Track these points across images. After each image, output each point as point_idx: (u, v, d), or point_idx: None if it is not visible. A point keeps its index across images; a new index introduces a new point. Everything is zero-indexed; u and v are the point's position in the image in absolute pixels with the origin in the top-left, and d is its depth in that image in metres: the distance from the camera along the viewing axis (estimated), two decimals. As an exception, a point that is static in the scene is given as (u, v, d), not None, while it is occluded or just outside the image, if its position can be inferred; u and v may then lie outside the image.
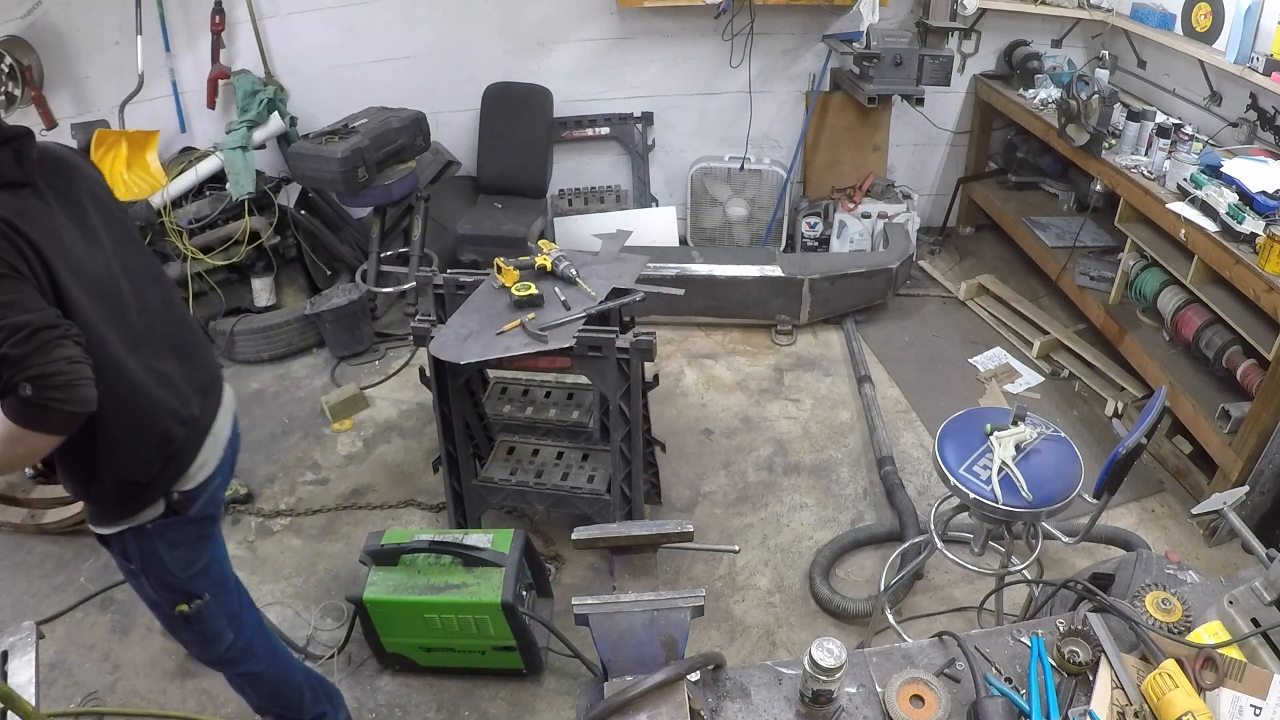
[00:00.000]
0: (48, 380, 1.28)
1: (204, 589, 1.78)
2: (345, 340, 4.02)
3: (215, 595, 1.81)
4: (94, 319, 1.43)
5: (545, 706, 2.49)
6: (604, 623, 1.30)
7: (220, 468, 1.75)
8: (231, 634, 1.90)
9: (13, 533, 3.06)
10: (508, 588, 2.31)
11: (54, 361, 1.29)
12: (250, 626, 1.97)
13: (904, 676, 1.32)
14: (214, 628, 1.85)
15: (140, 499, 1.59)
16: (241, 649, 1.93)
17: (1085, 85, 3.51)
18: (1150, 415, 1.96)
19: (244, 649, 1.94)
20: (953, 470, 2.07)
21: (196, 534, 1.73)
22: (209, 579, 1.79)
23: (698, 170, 4.65)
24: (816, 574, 2.82)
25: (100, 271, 1.49)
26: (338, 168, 3.52)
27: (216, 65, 4.06)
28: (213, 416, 1.73)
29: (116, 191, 3.68)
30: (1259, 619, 1.33)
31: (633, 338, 2.44)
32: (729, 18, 4.23)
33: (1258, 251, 2.69)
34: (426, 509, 3.18)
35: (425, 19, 4.26)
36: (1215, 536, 2.96)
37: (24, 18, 3.77)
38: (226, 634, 1.89)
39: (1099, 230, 4.04)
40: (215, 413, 1.75)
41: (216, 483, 1.74)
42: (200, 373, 1.72)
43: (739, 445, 3.49)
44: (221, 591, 1.85)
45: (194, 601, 1.76)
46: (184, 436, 1.63)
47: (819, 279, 4.07)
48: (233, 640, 1.90)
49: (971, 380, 3.86)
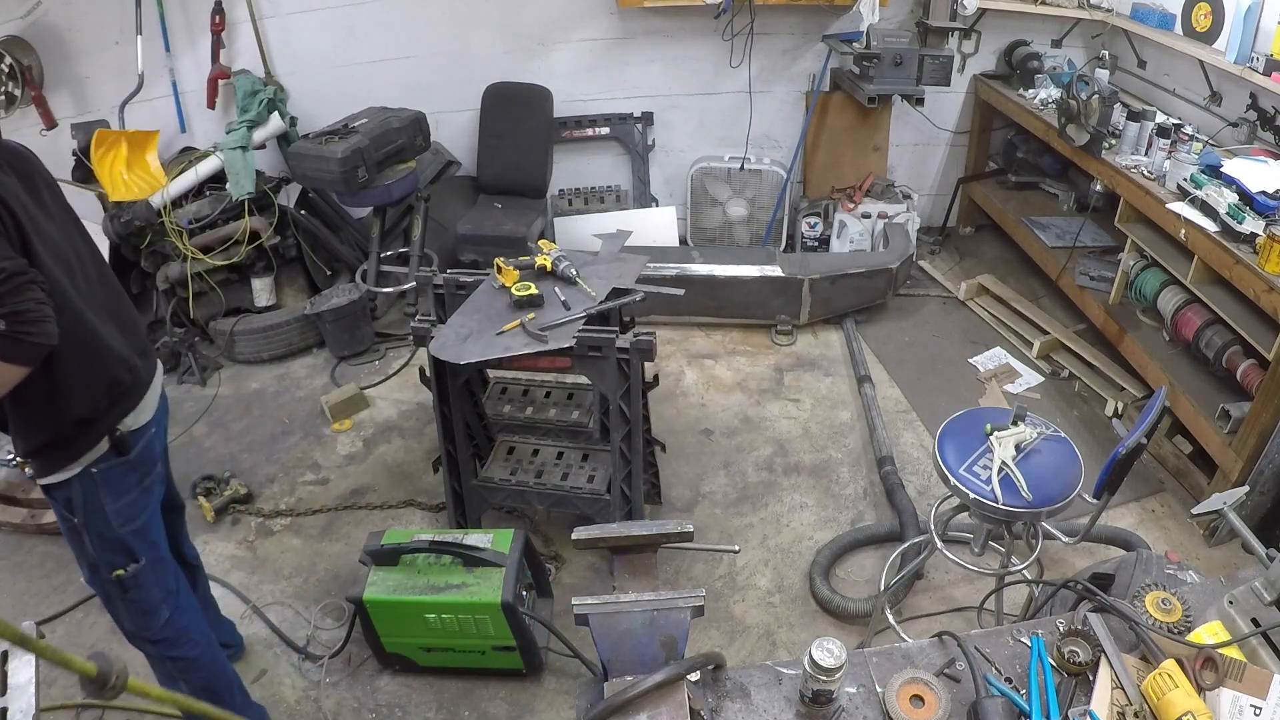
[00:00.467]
0: (20, 317, 1.46)
1: (141, 551, 1.88)
2: (345, 340, 4.02)
3: (151, 563, 1.92)
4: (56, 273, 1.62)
5: (545, 706, 2.49)
6: (604, 623, 1.30)
7: (156, 417, 1.91)
8: (167, 611, 1.99)
9: (13, 533, 3.06)
10: (508, 588, 2.31)
11: (25, 301, 1.47)
12: (187, 611, 2.06)
13: (904, 676, 1.32)
14: (150, 599, 1.94)
15: (88, 435, 1.73)
16: (178, 630, 2.02)
17: (1085, 85, 3.51)
18: (1150, 415, 1.96)
19: (180, 630, 2.02)
20: (953, 470, 2.08)
21: (136, 482, 1.85)
22: (145, 541, 1.90)
23: (698, 170, 4.66)
24: (816, 574, 2.82)
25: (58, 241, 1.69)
26: (338, 168, 3.52)
27: (216, 65, 4.06)
28: (151, 373, 1.92)
29: (117, 191, 3.73)
30: (1259, 619, 1.33)
31: (633, 338, 2.44)
32: (729, 18, 4.23)
33: (1258, 251, 2.69)
34: (426, 509, 3.18)
35: (425, 19, 4.26)
36: (1215, 536, 2.96)
37: (24, 18, 3.77)
38: (162, 610, 1.97)
39: (1099, 230, 4.04)
40: (153, 371, 1.93)
41: (153, 431, 1.89)
42: (137, 340, 1.89)
43: (739, 445, 3.49)
44: (158, 563, 1.95)
45: (130, 565, 1.87)
46: (129, 382, 1.81)
47: (819, 279, 4.07)
48: (168, 618, 1.99)
49: (971, 380, 3.86)
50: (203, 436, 3.59)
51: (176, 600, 2.01)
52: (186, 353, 3.93)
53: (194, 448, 3.52)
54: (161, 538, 1.99)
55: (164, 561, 1.98)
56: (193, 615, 2.08)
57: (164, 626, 1.98)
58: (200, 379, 3.90)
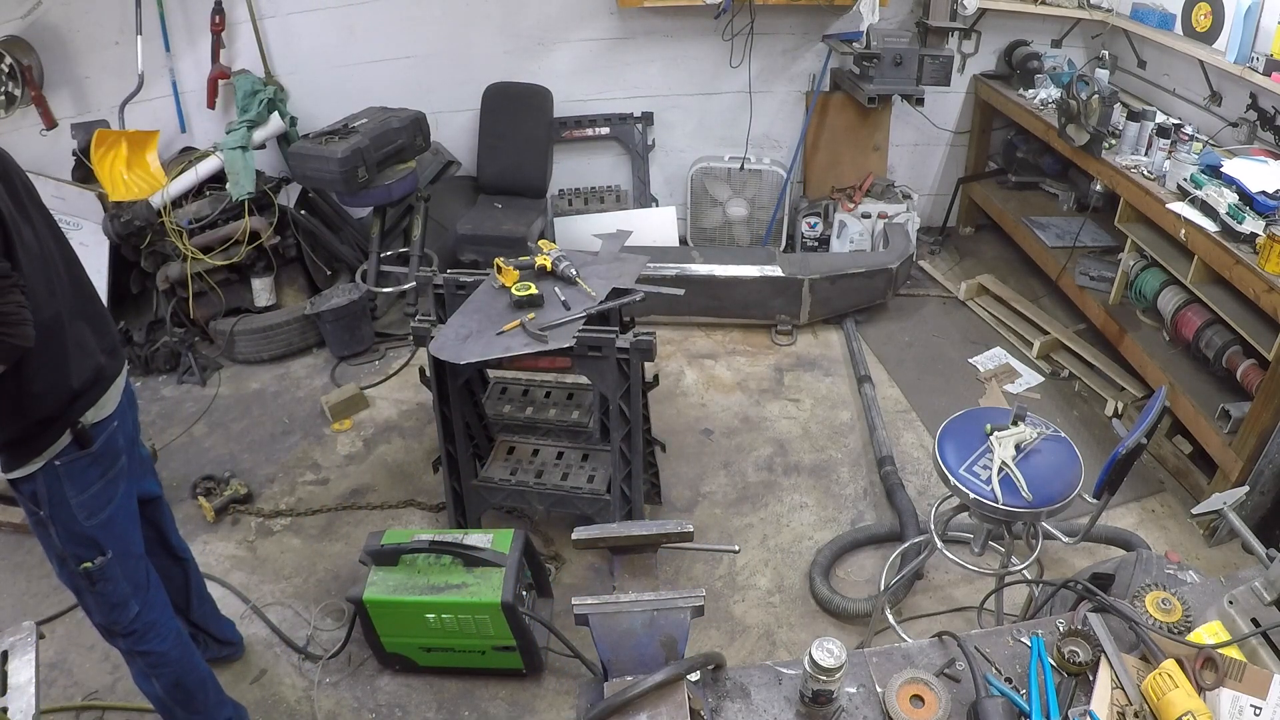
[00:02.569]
0: (2, 319, 1.51)
1: (107, 543, 1.90)
2: (345, 340, 4.02)
3: (119, 555, 1.93)
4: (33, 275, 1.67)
5: (545, 706, 2.49)
6: (604, 623, 1.30)
7: (118, 411, 1.93)
8: (136, 605, 2.00)
9: (13, 533, 3.06)
10: (508, 588, 2.31)
11: (7, 304, 1.53)
12: (157, 606, 2.08)
13: (904, 676, 1.32)
14: (118, 592, 1.96)
15: (52, 430, 1.76)
16: (147, 624, 2.03)
17: (1085, 85, 3.51)
18: (1150, 415, 1.97)
19: (149, 624, 2.04)
20: (953, 470, 2.08)
21: (99, 474, 1.87)
22: (112, 533, 1.91)
23: (698, 170, 4.66)
24: (816, 574, 2.82)
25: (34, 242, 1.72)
26: (338, 168, 3.52)
27: (216, 65, 4.06)
28: (116, 372, 1.94)
29: (117, 191, 3.73)
30: (1259, 619, 1.33)
31: (633, 338, 2.44)
32: (729, 18, 4.23)
33: (1258, 251, 2.69)
34: (426, 509, 3.18)
35: (425, 19, 4.26)
36: (1215, 536, 2.96)
37: (24, 18, 3.77)
38: (131, 603, 1.99)
39: (1099, 230, 4.04)
40: (119, 370, 1.96)
41: (115, 425, 1.90)
42: (106, 339, 1.92)
43: (739, 445, 3.49)
44: (126, 555, 1.96)
45: (98, 558, 1.89)
46: (93, 380, 1.84)
47: (819, 279, 4.07)
48: (138, 612, 2.01)
49: (971, 380, 3.86)
50: (203, 436, 3.59)
51: (146, 595, 2.03)
52: (186, 353, 3.93)
53: (194, 448, 3.52)
54: (132, 533, 2.01)
55: (133, 556, 2.00)
56: (163, 610, 2.10)
57: (134, 620, 2.01)
58: (200, 379, 3.90)
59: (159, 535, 2.28)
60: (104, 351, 1.89)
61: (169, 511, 2.34)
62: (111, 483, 1.91)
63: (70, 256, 1.88)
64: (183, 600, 2.38)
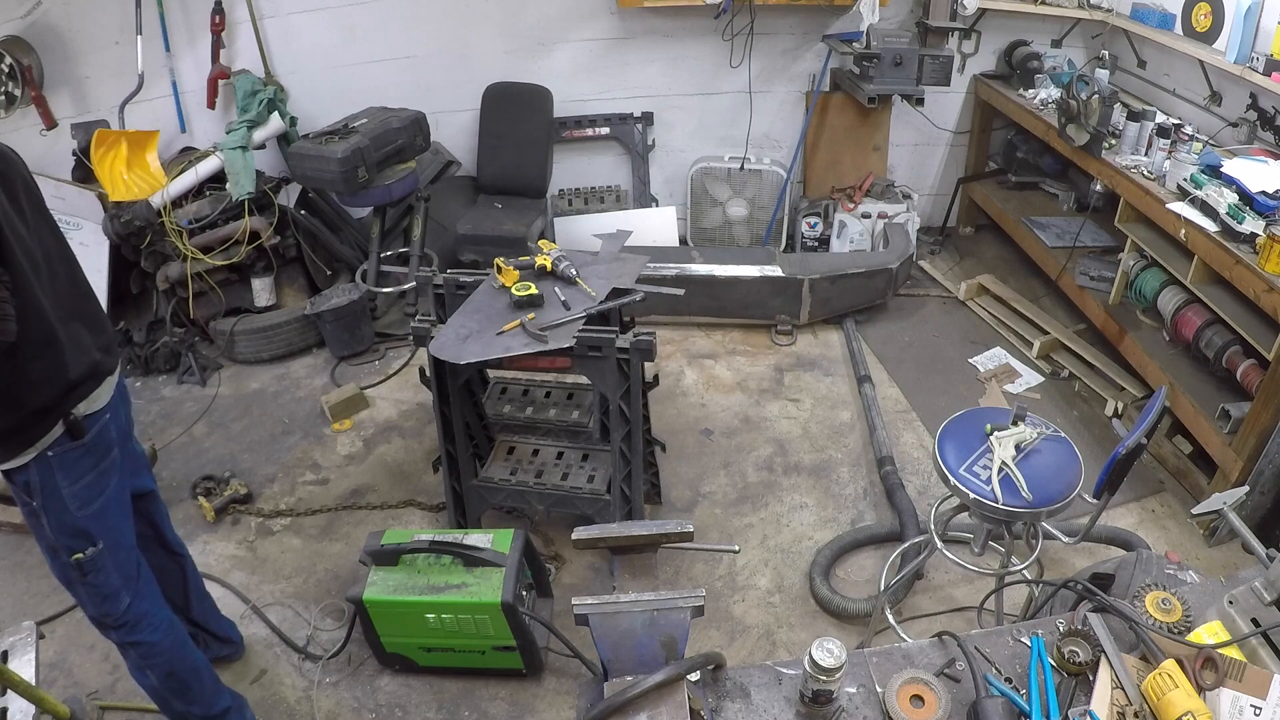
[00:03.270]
0: None
1: (98, 534, 1.91)
2: (345, 340, 4.02)
3: (110, 546, 1.94)
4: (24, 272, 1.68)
5: (545, 706, 2.49)
6: (604, 623, 1.30)
7: (111, 404, 1.94)
8: (128, 597, 2.02)
9: (13, 533, 3.06)
10: (508, 588, 2.31)
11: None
12: (148, 597, 2.09)
13: (904, 676, 1.32)
14: (109, 583, 1.97)
15: (44, 422, 1.78)
16: (138, 615, 2.05)
17: (1085, 85, 3.51)
18: (1150, 415, 1.96)
19: (140, 615, 2.05)
20: (953, 470, 2.07)
21: (91, 465, 1.88)
22: (104, 524, 1.93)
23: (698, 170, 4.66)
24: (816, 574, 2.82)
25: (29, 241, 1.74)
26: (338, 168, 3.52)
27: (216, 65, 4.06)
28: (111, 368, 1.96)
29: (117, 191, 3.72)
30: (1259, 619, 1.33)
31: (633, 338, 2.44)
32: (729, 18, 4.23)
33: (1258, 251, 2.69)
34: (426, 509, 3.18)
35: (425, 19, 4.26)
36: (1215, 536, 2.96)
37: (24, 18, 3.77)
38: (122, 595, 2.00)
39: (1099, 230, 4.04)
40: (113, 366, 1.98)
41: (106, 417, 1.92)
42: (101, 337, 1.94)
43: (739, 445, 3.49)
44: (117, 547, 1.98)
45: (89, 549, 1.90)
46: (85, 375, 1.86)
47: (819, 279, 4.07)
48: (129, 604, 2.02)
49: (971, 380, 3.86)
50: (203, 436, 3.59)
51: (137, 586, 2.05)
52: (186, 353, 3.93)
53: (194, 448, 3.52)
54: (123, 525, 2.02)
55: (124, 548, 2.01)
56: (154, 601, 2.11)
57: (125, 612, 2.02)
58: (200, 379, 3.90)
59: (155, 531, 2.29)
60: (99, 349, 1.91)
61: (164, 507, 2.34)
62: (104, 474, 1.92)
63: (69, 257, 1.90)
64: (181, 598, 2.39)
